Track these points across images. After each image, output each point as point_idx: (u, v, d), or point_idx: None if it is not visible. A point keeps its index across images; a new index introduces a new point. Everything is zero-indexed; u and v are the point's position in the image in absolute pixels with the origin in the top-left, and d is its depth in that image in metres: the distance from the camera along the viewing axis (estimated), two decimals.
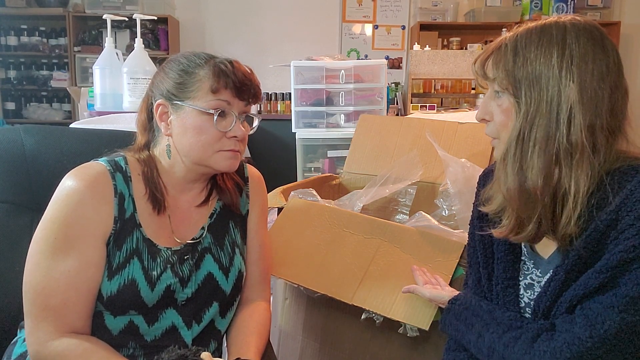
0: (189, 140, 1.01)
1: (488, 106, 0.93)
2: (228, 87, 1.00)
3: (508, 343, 0.89)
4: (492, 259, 1.03)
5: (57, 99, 5.24)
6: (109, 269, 0.98)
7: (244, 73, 1.03)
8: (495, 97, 0.92)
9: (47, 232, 0.96)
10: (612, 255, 0.81)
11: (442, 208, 1.55)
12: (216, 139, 1.01)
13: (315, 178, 1.94)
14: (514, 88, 0.87)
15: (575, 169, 0.84)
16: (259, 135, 1.34)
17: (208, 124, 1.00)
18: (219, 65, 1.01)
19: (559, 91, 0.84)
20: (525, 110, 0.86)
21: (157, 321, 1.01)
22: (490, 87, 0.92)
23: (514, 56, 0.87)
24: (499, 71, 0.88)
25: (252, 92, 1.04)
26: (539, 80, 0.85)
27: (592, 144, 0.84)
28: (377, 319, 1.25)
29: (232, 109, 1.02)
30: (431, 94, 4.62)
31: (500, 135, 0.92)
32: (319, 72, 2.57)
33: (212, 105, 1.00)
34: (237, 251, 1.12)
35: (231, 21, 5.31)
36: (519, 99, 0.86)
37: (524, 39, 0.87)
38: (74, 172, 1.00)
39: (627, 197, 0.82)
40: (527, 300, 0.97)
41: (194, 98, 1.00)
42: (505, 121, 0.90)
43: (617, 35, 5.06)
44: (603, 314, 0.80)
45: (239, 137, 1.03)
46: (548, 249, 0.95)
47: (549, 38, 0.86)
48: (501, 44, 0.89)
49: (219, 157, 1.03)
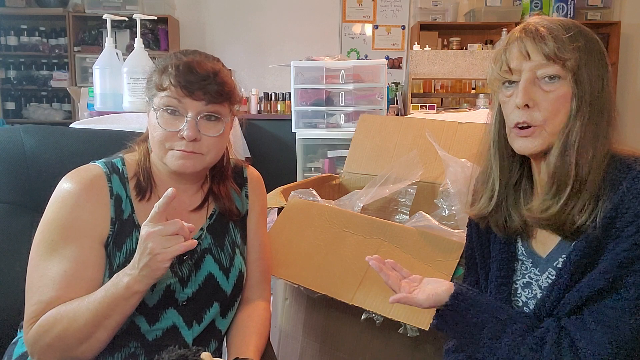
0: (151, 137, 1.03)
1: (531, 92, 0.87)
2: (174, 85, 0.98)
3: (532, 346, 0.86)
4: (489, 259, 1.03)
5: (57, 99, 5.24)
6: (109, 269, 0.98)
7: (197, 71, 0.98)
8: (542, 83, 0.87)
9: (44, 235, 0.97)
10: (615, 255, 0.82)
11: (442, 208, 1.55)
12: (165, 138, 1.00)
13: (315, 178, 1.94)
14: (575, 73, 0.86)
15: (598, 159, 0.86)
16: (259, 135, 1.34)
17: (158, 122, 1.00)
18: (169, 62, 1.00)
19: (607, 86, 0.87)
20: (590, 99, 0.86)
21: (158, 321, 1.02)
22: (531, 72, 0.87)
23: (572, 41, 0.86)
24: (577, 52, 0.86)
25: (211, 91, 0.99)
26: (591, 68, 0.87)
27: (606, 136, 0.87)
28: (377, 319, 1.25)
29: (185, 108, 0.99)
30: (431, 94, 4.62)
31: (546, 122, 0.87)
32: (319, 72, 2.57)
33: (163, 103, 1.00)
34: (237, 251, 1.12)
35: (231, 21, 5.31)
36: (582, 85, 0.86)
37: (566, 27, 0.87)
38: (71, 174, 1.01)
39: (624, 194, 0.82)
40: (524, 300, 0.97)
41: (154, 96, 1.02)
42: (556, 108, 0.86)
43: (617, 35, 5.06)
44: (618, 319, 0.81)
45: (186, 138, 0.99)
46: (546, 248, 0.95)
47: (583, 31, 0.88)
48: (565, 26, 0.87)
49: (170, 155, 1.01)
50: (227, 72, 1.05)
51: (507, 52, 0.90)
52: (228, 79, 1.03)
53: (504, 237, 0.99)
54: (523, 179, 0.98)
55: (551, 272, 0.93)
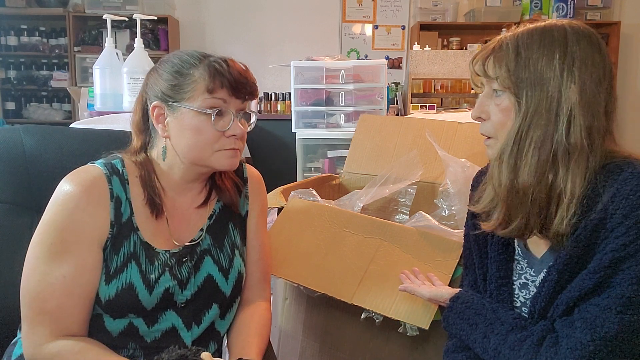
0: (187, 141, 1.01)
1: (484, 105, 0.93)
2: (224, 86, 1.00)
3: (514, 346, 0.89)
4: (487, 259, 1.03)
5: (57, 99, 5.24)
6: (106, 273, 0.98)
7: (239, 71, 1.02)
8: (494, 96, 0.92)
9: (43, 237, 0.96)
10: (603, 255, 0.82)
11: (442, 208, 1.55)
12: (215, 139, 1.01)
13: (315, 178, 1.94)
14: (515, 87, 0.87)
15: (572, 169, 0.85)
16: (259, 135, 1.35)
17: (206, 124, 0.99)
18: (213, 64, 1.00)
19: (559, 92, 0.85)
20: (525, 109, 0.86)
21: (157, 323, 1.01)
22: (487, 86, 0.93)
23: (516, 56, 0.87)
24: (501, 70, 0.88)
25: (249, 90, 1.03)
26: (540, 81, 0.85)
27: (590, 144, 0.85)
28: (376, 318, 1.25)
29: (229, 108, 1.01)
30: (431, 94, 4.62)
31: (496, 134, 0.92)
32: (319, 72, 2.57)
33: (208, 105, 0.99)
34: (236, 252, 1.12)
35: (231, 21, 5.31)
36: (520, 98, 0.87)
37: (525, 38, 0.88)
38: (71, 176, 1.00)
39: (614, 195, 0.83)
40: (522, 300, 0.98)
41: (190, 99, 1.00)
42: (503, 120, 0.90)
43: (617, 35, 5.06)
44: (601, 317, 0.81)
45: (237, 136, 1.02)
46: (540, 248, 0.95)
47: (550, 39, 0.86)
48: (501, 43, 0.89)
49: (219, 156, 1.02)
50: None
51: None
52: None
53: (503, 236, 0.99)
54: None
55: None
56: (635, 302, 0.80)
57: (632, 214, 0.81)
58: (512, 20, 4.90)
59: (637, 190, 0.81)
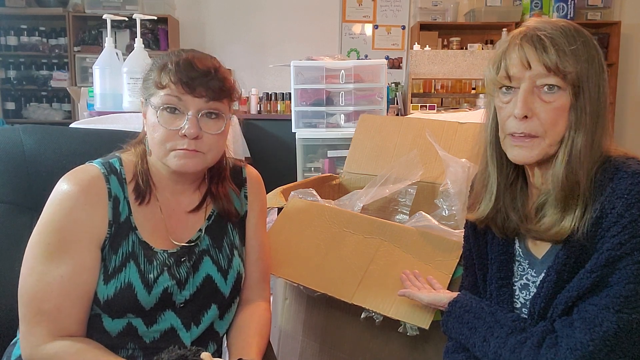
0: (150, 138, 1.02)
1: (530, 102, 0.86)
2: (175, 82, 0.97)
3: (514, 348, 0.89)
4: (487, 260, 1.03)
5: (57, 99, 5.24)
6: (105, 272, 0.97)
7: (198, 67, 0.97)
8: (541, 93, 0.86)
9: (41, 237, 0.95)
10: (600, 254, 0.82)
11: (442, 208, 1.55)
12: (167, 137, 0.98)
13: (315, 178, 1.94)
14: (575, 86, 0.85)
15: (588, 167, 0.86)
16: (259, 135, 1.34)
17: (159, 121, 0.98)
18: (167, 60, 0.99)
19: (605, 94, 0.87)
20: (584, 108, 0.86)
21: (156, 323, 1.01)
22: (530, 81, 0.86)
23: (574, 54, 0.85)
24: (579, 65, 0.85)
25: (212, 88, 0.98)
26: (597, 80, 0.86)
27: (600, 143, 0.87)
28: (376, 318, 1.25)
29: (186, 106, 0.98)
30: (431, 94, 4.62)
31: (546, 133, 0.87)
32: (319, 72, 2.57)
33: (163, 101, 0.98)
34: (235, 253, 1.12)
35: (231, 21, 5.31)
36: (581, 96, 0.86)
37: (568, 36, 0.86)
38: (69, 175, 0.99)
39: (609, 195, 0.83)
40: (522, 301, 0.97)
41: (152, 95, 1.00)
42: (555, 119, 0.86)
43: (617, 35, 5.06)
44: (600, 316, 0.81)
45: (189, 136, 0.97)
46: (541, 249, 0.95)
47: (585, 39, 0.87)
48: (554, 41, 0.85)
49: (172, 156, 0.99)
50: (226, 70, 1.05)
51: (507, 58, 0.88)
52: (228, 76, 1.03)
53: (502, 237, 0.99)
54: (519, 177, 0.98)
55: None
56: (633, 300, 0.80)
57: (627, 213, 0.81)
58: (512, 20, 4.90)
59: (632, 189, 0.81)
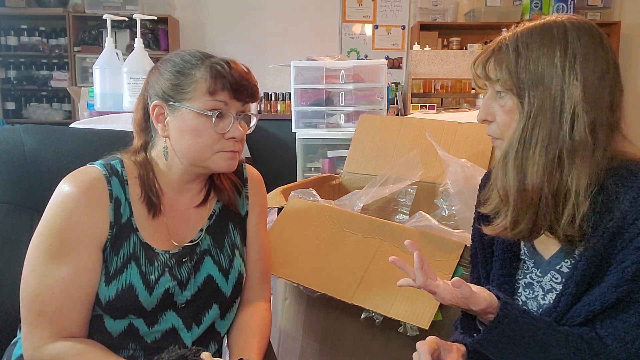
0: (186, 142, 1.00)
1: (489, 107, 0.93)
2: (225, 89, 0.99)
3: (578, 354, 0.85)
4: (492, 257, 1.03)
5: (57, 99, 5.23)
6: (106, 274, 0.98)
7: (240, 73, 1.02)
8: (497, 98, 0.91)
9: (42, 239, 0.96)
10: (625, 267, 0.81)
11: (442, 208, 1.55)
12: (214, 141, 1.00)
13: (315, 178, 1.94)
14: (517, 88, 0.86)
15: (577, 167, 0.84)
16: (259, 135, 1.34)
17: (206, 126, 0.99)
18: (215, 66, 0.99)
19: (562, 90, 0.84)
20: (529, 109, 0.86)
21: (157, 323, 1.01)
22: (490, 88, 0.92)
23: (516, 56, 0.86)
24: (502, 72, 0.88)
25: (250, 92, 1.03)
26: (542, 80, 0.85)
27: (594, 141, 0.84)
28: (376, 318, 1.25)
29: (230, 110, 1.01)
30: (431, 94, 4.62)
31: (503, 135, 0.91)
32: (319, 72, 2.57)
33: (209, 107, 0.99)
34: (236, 253, 1.12)
35: (231, 21, 5.31)
36: (523, 98, 0.86)
37: (524, 38, 0.87)
38: (70, 177, 0.99)
39: (631, 204, 0.82)
40: (524, 299, 0.97)
41: (191, 99, 0.99)
42: (508, 121, 0.90)
43: (617, 35, 5.06)
44: (632, 333, 0.82)
45: (237, 138, 1.02)
46: (550, 250, 0.95)
47: (550, 37, 0.86)
48: (501, 45, 0.89)
49: (218, 158, 1.02)
50: None
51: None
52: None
53: (510, 238, 0.99)
54: None
55: (555, 276, 0.93)
56: None
57: None
58: (512, 20, 4.90)
59: None
